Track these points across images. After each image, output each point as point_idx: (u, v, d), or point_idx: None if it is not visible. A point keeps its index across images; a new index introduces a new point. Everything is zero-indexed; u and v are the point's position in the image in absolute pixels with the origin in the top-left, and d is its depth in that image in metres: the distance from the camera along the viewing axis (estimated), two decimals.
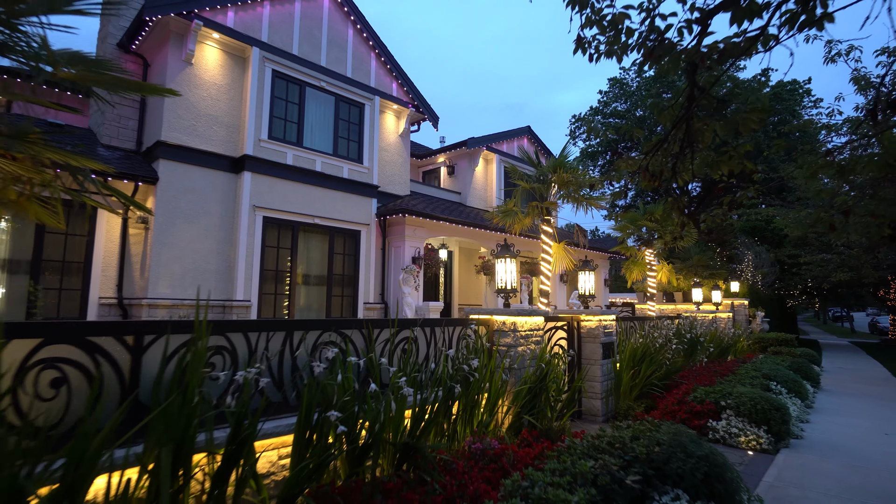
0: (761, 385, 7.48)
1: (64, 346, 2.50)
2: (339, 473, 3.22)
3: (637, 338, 7.90)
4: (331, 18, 11.72)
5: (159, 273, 8.80)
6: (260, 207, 9.96)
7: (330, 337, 3.61)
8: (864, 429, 6.88)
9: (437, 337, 4.61)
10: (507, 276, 5.80)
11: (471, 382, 4.15)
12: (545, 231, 8.76)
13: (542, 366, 5.05)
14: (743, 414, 5.98)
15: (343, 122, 11.69)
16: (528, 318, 5.42)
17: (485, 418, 4.36)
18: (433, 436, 3.86)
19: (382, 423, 3.19)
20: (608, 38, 3.94)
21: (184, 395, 2.42)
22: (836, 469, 5.05)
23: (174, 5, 8.92)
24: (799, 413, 7.34)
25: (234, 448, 2.63)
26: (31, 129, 2.87)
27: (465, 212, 14.35)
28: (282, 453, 3.26)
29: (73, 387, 2.51)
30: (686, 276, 16.04)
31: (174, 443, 2.38)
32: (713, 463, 3.46)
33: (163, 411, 2.38)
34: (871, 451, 5.76)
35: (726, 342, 12.00)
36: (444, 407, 3.94)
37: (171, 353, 2.75)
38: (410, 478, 3.18)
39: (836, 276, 16.02)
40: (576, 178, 8.15)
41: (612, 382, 6.93)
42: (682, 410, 6.31)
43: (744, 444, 5.68)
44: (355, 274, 11.50)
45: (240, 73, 10.20)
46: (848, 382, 11.63)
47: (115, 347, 2.67)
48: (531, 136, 18.32)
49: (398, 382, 3.31)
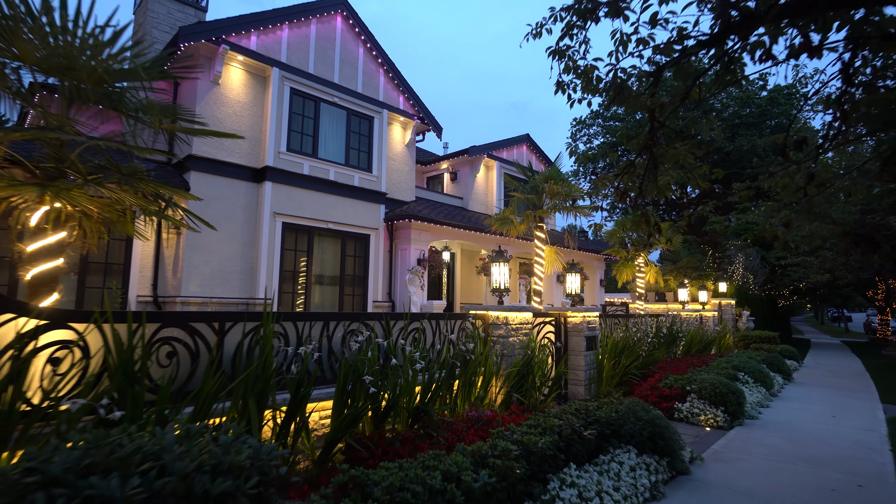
0: (729, 375, 8.42)
1: (175, 329, 3.48)
2: (365, 429, 4.19)
3: (619, 332, 8.84)
4: (343, 38, 12.69)
5: (191, 274, 9.80)
6: (279, 214, 10.94)
7: (357, 326, 4.59)
8: (816, 413, 7.81)
9: (441, 328, 5.58)
10: (500, 277, 6.76)
11: (469, 362, 5.12)
12: (538, 237, 9.72)
13: (528, 353, 6.01)
14: (704, 397, 6.93)
15: (354, 134, 12.67)
16: (518, 313, 6.39)
17: (480, 394, 5.33)
18: (438, 405, 4.83)
19: (398, 391, 4.17)
20: (582, 83, 4.93)
21: (264, 364, 3.39)
22: (776, 441, 6.00)
23: (205, 33, 9.91)
24: (761, 399, 8.28)
25: (294, 405, 3.61)
26: (140, 169, 3.85)
27: (467, 216, 15.30)
28: (322, 415, 4.23)
29: (181, 358, 3.49)
30: (676, 276, 16.95)
31: (255, 397, 3.36)
32: (657, 425, 4.42)
33: (246, 376, 3.36)
34: (812, 428, 6.71)
35: (709, 338, 12.93)
36: (447, 383, 4.91)
37: (246, 333, 3.73)
38: (421, 433, 4.15)
39: (814, 278, 16.92)
40: (565, 189, 9.09)
41: (594, 371, 7.88)
42: (653, 395, 7.28)
43: (703, 422, 6.63)
44: (365, 274, 12.47)
45: (261, 91, 11.18)
46: (821, 376, 12.54)
47: (207, 330, 3.65)
48: (530, 144, 19.27)
49: (414, 357, 4.28)
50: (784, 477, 4.68)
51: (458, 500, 2.66)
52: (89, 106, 3.84)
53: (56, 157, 3.64)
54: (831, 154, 6.58)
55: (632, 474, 4.00)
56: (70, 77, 3.51)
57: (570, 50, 4.75)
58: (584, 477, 3.65)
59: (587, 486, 3.53)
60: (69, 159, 3.56)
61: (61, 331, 2.99)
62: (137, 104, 4.03)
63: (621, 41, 4.51)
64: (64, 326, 2.99)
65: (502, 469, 3.09)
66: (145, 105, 4.02)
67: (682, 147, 5.12)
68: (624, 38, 4.49)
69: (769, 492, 4.26)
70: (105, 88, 3.70)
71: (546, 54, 4.90)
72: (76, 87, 3.59)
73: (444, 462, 2.96)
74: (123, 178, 3.74)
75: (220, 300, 10.08)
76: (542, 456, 3.49)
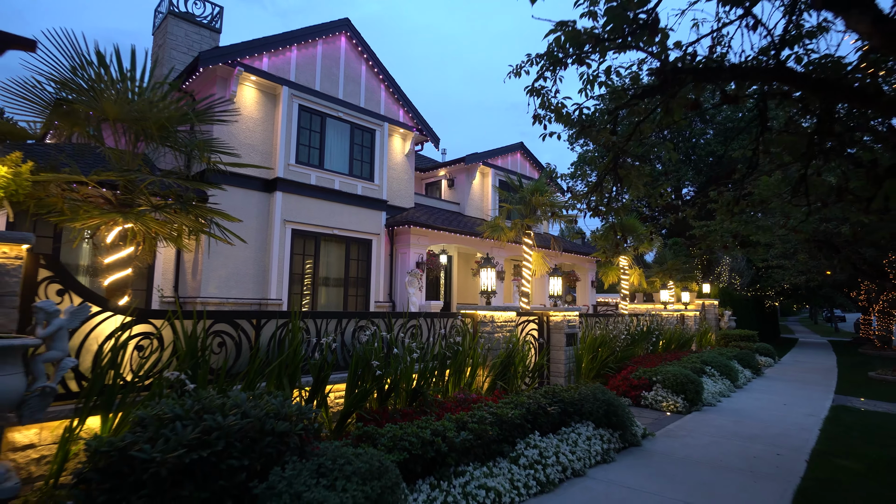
0: (696, 369, 9.37)
1: (223, 324, 4.43)
2: (372, 406, 5.14)
3: (598, 330, 9.79)
4: (347, 57, 13.64)
5: (209, 277, 10.75)
6: (289, 221, 11.89)
7: (365, 323, 5.54)
8: (770, 402, 8.77)
9: (435, 325, 6.52)
10: (487, 281, 7.71)
11: (458, 353, 6.07)
12: (525, 243, 10.67)
13: (510, 347, 6.97)
14: (667, 386, 7.88)
15: (357, 146, 13.62)
16: (502, 313, 7.34)
17: (468, 380, 6.28)
18: (431, 388, 5.78)
19: (399, 375, 5.11)
20: (554, 116, 5.90)
21: (294, 352, 4.35)
22: (725, 422, 6.95)
23: (222, 56, 10.86)
24: (724, 390, 9.23)
25: (316, 385, 4.56)
26: (194, 196, 4.80)
27: (464, 221, 16.25)
28: (336, 395, 5.17)
29: (228, 347, 4.44)
30: (661, 278, 17.90)
31: (288, 377, 4.31)
32: (611, 405, 5.37)
33: (280, 361, 4.31)
34: (761, 414, 7.66)
35: (688, 336, 13.88)
36: (440, 370, 5.86)
37: (278, 328, 4.68)
38: (417, 410, 5.10)
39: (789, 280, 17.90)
40: (549, 200, 10.05)
41: (573, 364, 8.83)
42: (624, 384, 8.23)
43: (665, 408, 7.58)
44: (367, 276, 13.42)
45: (272, 107, 12.13)
46: (791, 371, 13.50)
47: (246, 325, 4.60)
48: (524, 152, 20.22)
49: (412, 347, 5.24)
50: (719, 448, 5.63)
51: (443, 449, 3.61)
52: (151, 144, 4.79)
53: (126, 188, 4.59)
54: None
55: (588, 442, 4.95)
56: (140, 125, 4.46)
57: (543, 89, 5.72)
58: (546, 442, 4.60)
59: (547, 449, 4.48)
60: (140, 189, 4.51)
61: (143, 325, 3.94)
62: (187, 142, 4.98)
63: (588, 81, 5.48)
64: (146, 321, 3.95)
65: (478, 431, 4.04)
66: (194, 142, 4.97)
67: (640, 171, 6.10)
68: (590, 78, 5.46)
69: (702, 458, 5.21)
70: (165, 131, 4.65)
71: (524, 92, 5.88)
72: (143, 131, 4.55)
73: (434, 425, 3.91)
74: (182, 205, 4.69)
75: (236, 300, 11.03)
76: (512, 424, 4.44)
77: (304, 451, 2.91)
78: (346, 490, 2.57)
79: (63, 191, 4.34)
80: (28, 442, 3.28)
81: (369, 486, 2.67)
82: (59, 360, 2.99)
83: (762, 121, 4.89)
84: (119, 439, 2.48)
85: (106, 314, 3.75)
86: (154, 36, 13.32)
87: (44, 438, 3.35)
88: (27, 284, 3.31)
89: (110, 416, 3.51)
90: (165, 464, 2.28)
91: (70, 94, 4.24)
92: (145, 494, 2.29)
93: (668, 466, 4.92)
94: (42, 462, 3.31)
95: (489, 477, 3.84)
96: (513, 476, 3.97)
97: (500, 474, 3.93)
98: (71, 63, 4.08)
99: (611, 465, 4.86)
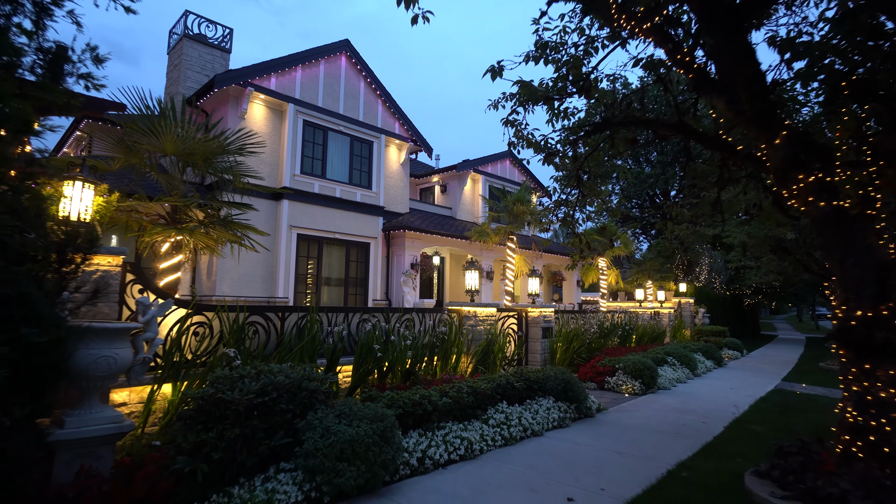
0: (657, 359, 10.60)
1: (256, 316, 5.60)
2: (374, 383, 6.33)
3: (571, 325, 11.02)
4: (347, 75, 14.81)
5: (223, 277, 11.89)
6: (294, 227, 13.05)
7: (368, 316, 6.73)
8: (720, 387, 10.02)
9: (426, 318, 7.72)
10: (472, 281, 8.91)
11: (444, 341, 7.27)
12: (509, 247, 11.89)
13: (490, 337, 8.18)
14: (627, 372, 9.11)
15: (356, 156, 14.80)
16: (484, 308, 8.54)
17: (454, 364, 7.48)
18: (423, 371, 6.98)
19: (395, 357, 6.30)
20: (525, 144, 7.12)
21: (312, 338, 5.53)
22: (671, 402, 8.19)
23: (234, 78, 12.00)
24: (682, 377, 10.48)
25: (329, 365, 5.74)
26: (231, 214, 5.98)
27: (455, 225, 17.46)
28: (344, 375, 6.35)
29: (260, 334, 5.62)
30: (640, 278, 19.18)
31: (308, 358, 5.49)
32: (568, 382, 6.59)
33: (302, 345, 5.49)
34: (707, 396, 8.90)
35: (660, 331, 15.15)
36: (430, 356, 7.05)
37: (299, 318, 5.86)
38: (410, 386, 6.29)
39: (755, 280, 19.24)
40: (529, 209, 11.27)
41: (548, 354, 10.05)
42: (591, 371, 9.46)
43: (624, 391, 8.82)
44: (365, 277, 14.60)
45: (278, 123, 13.28)
46: (752, 363, 14.79)
47: (273, 316, 5.77)
48: (513, 159, 21.44)
49: (405, 335, 6.44)
50: (658, 419, 6.86)
51: (429, 409, 4.82)
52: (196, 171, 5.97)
53: (176, 208, 5.76)
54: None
55: (547, 412, 6.16)
56: (189, 158, 5.64)
57: (517, 122, 6.92)
58: (512, 409, 5.81)
59: (511, 414, 5.69)
60: (189, 208, 5.68)
61: (198, 316, 5.11)
62: (224, 167, 6.16)
63: (554, 114, 6.71)
64: (200, 313, 5.12)
65: (457, 398, 5.24)
66: (229, 167, 6.15)
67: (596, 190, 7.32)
68: (555, 112, 6.69)
69: (640, 425, 6.44)
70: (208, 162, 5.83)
71: (500, 123, 7.09)
72: (191, 161, 5.73)
73: (422, 391, 5.11)
74: (223, 223, 5.87)
75: (247, 299, 12.18)
76: (484, 395, 5.65)
77: (328, 403, 4.10)
78: (359, 426, 3.76)
79: (130, 212, 5.50)
80: (122, 401, 4.45)
81: (375, 425, 3.86)
82: (151, 340, 4.15)
83: (686, 154, 6.13)
84: (205, 390, 3.66)
85: (174, 307, 4.92)
86: (169, 55, 14.42)
87: (132, 399, 4.52)
88: (121, 285, 4.48)
89: (177, 383, 4.69)
90: (241, 402, 3.46)
91: (136, 133, 5.41)
92: (229, 423, 3.47)
93: (610, 430, 6.15)
94: (131, 416, 4.48)
95: (464, 431, 5.04)
96: (483, 432, 5.18)
97: (473, 430, 5.14)
98: (139, 113, 5.25)
99: (565, 429, 6.07)
